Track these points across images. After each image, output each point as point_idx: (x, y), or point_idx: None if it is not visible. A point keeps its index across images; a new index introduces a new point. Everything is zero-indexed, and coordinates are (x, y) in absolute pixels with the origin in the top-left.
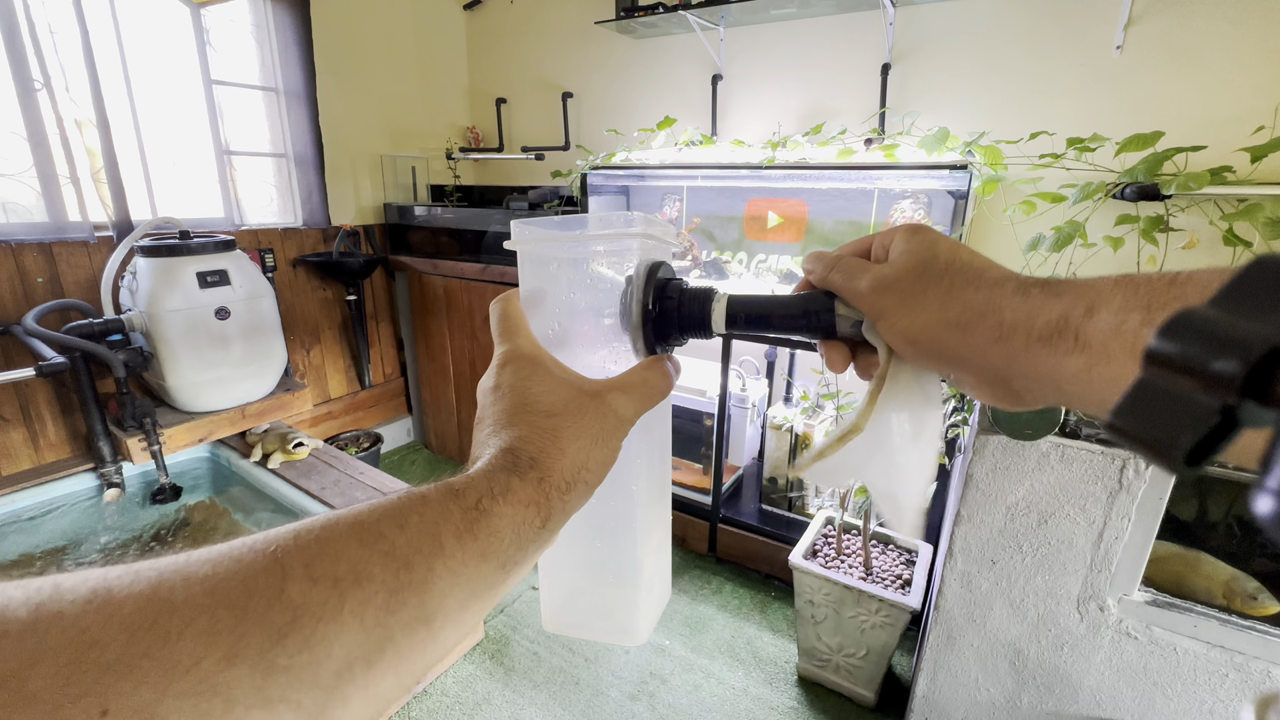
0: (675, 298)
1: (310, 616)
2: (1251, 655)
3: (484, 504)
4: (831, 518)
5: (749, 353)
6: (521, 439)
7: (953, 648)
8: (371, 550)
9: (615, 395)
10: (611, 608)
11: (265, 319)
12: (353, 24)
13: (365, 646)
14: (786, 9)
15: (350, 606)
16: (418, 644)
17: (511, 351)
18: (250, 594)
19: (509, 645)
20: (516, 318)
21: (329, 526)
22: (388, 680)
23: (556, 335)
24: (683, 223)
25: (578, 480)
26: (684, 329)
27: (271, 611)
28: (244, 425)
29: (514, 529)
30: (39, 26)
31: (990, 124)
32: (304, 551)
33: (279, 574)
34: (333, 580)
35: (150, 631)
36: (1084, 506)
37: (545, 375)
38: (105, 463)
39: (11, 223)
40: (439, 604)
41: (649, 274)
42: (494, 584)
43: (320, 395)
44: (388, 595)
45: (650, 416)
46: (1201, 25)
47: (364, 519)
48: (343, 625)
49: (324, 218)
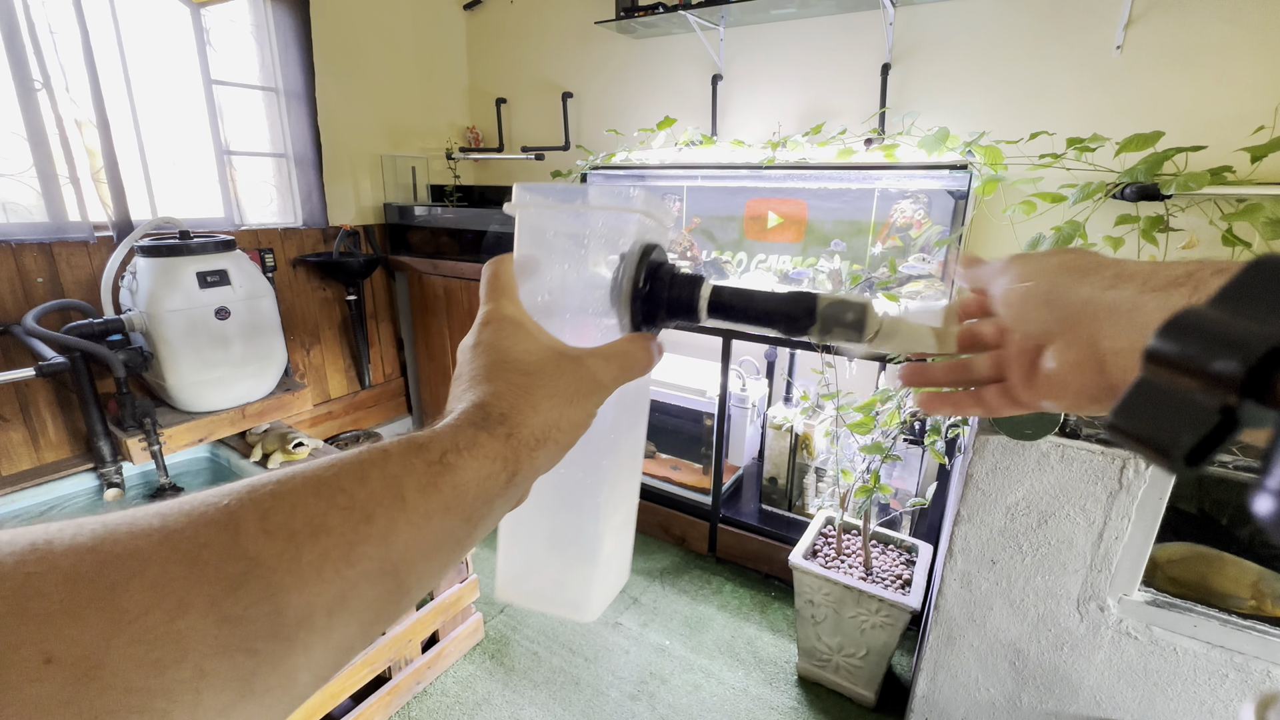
0: (666, 279)
1: (265, 568)
2: (1251, 655)
3: (448, 458)
4: (831, 518)
5: (749, 353)
6: (495, 394)
7: (953, 648)
8: (330, 503)
9: (595, 360)
10: (567, 581)
11: (265, 319)
12: (352, 24)
13: (325, 597)
14: (786, 9)
15: (308, 558)
16: (382, 594)
17: (494, 311)
18: (201, 546)
19: (509, 645)
20: (506, 280)
21: (285, 480)
22: (351, 629)
23: (545, 305)
24: (683, 223)
25: (548, 439)
26: (672, 311)
27: (225, 563)
28: (244, 425)
29: (479, 483)
30: (39, 26)
31: (990, 124)
32: (258, 505)
33: (232, 527)
34: (289, 533)
35: (94, 582)
36: (1084, 506)
37: (526, 336)
38: (105, 463)
39: (11, 223)
40: (402, 556)
41: (643, 253)
42: (459, 537)
43: (320, 395)
44: (347, 548)
45: (628, 394)
46: (1201, 25)
47: (322, 474)
48: (301, 576)
49: (324, 218)
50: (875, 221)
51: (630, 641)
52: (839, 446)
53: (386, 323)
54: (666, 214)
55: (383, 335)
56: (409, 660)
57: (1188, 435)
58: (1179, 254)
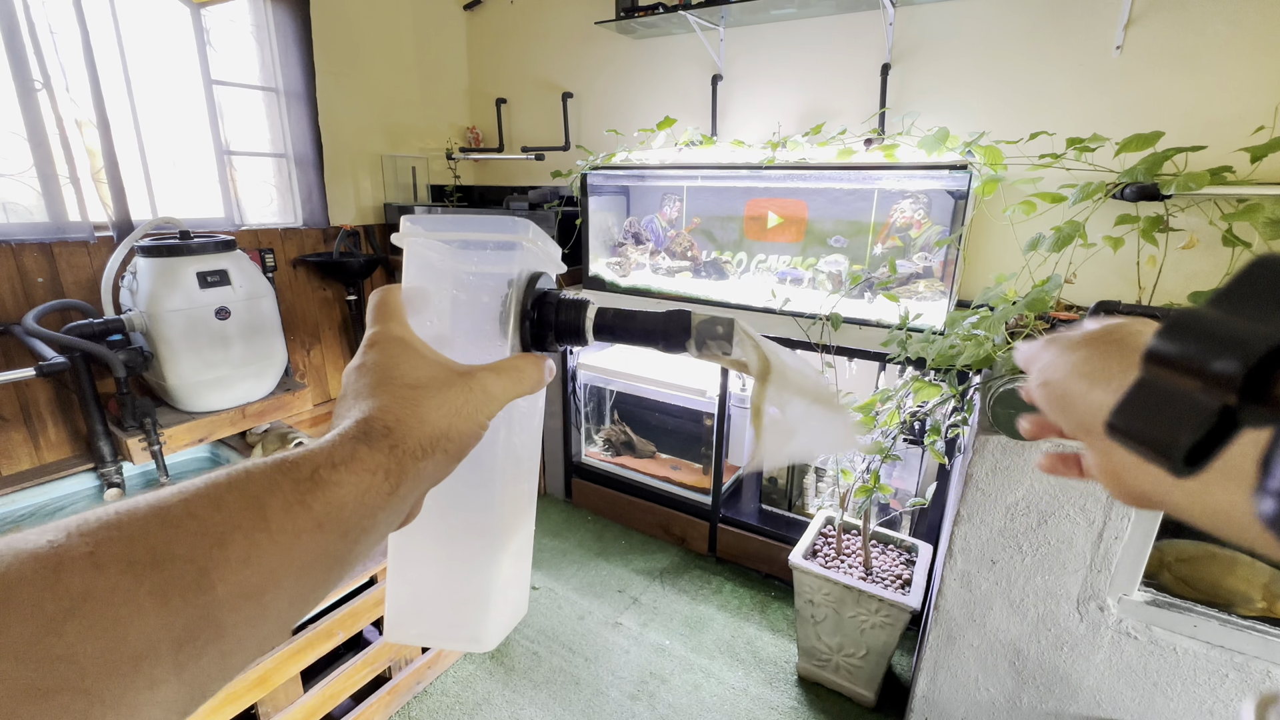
0: (554, 304)
1: (96, 602)
2: (1251, 655)
3: (321, 474)
4: (831, 518)
5: None
6: (380, 408)
7: (953, 647)
8: (177, 530)
9: (485, 374)
10: (463, 612)
11: (265, 319)
12: (353, 24)
13: (172, 629)
14: (786, 9)
15: (149, 588)
16: (244, 619)
17: (381, 332)
18: (11, 586)
19: (509, 645)
20: (394, 305)
21: (124, 512)
22: (206, 658)
23: (435, 332)
24: (683, 223)
25: (436, 449)
26: (560, 335)
27: (43, 601)
28: (244, 425)
29: (359, 498)
30: (39, 26)
31: (990, 124)
32: (88, 539)
33: (52, 564)
34: (125, 563)
35: None
36: (1084, 506)
37: (413, 354)
38: (105, 463)
39: (11, 223)
40: (266, 578)
41: (530, 280)
42: (336, 555)
43: (320, 395)
44: (198, 574)
45: (521, 415)
46: (1201, 25)
47: (169, 502)
48: (139, 608)
49: (324, 218)
50: (875, 222)
51: (630, 641)
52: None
53: None
54: (553, 248)
55: None
56: (409, 660)
57: (1187, 435)
58: (1179, 254)
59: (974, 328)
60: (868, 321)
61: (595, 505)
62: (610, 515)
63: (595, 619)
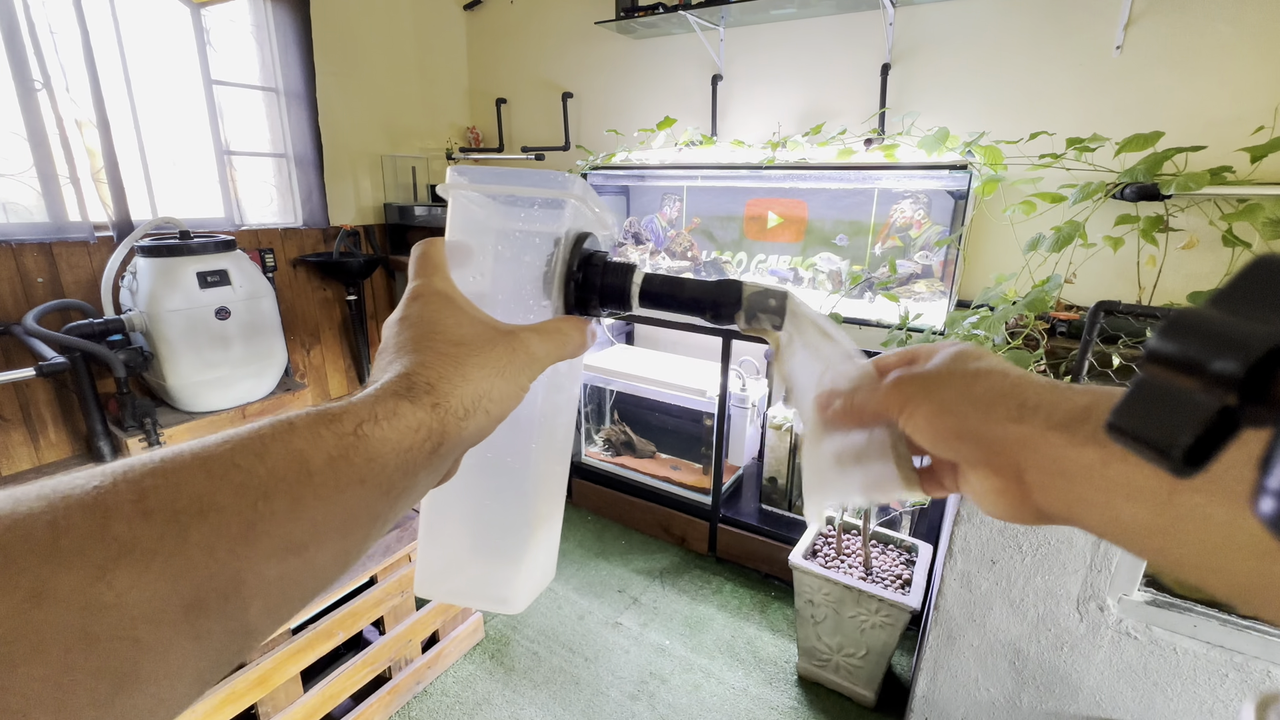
0: (600, 267)
1: (143, 551)
2: (1251, 655)
3: (364, 429)
4: (831, 517)
5: (749, 353)
6: (422, 364)
7: (953, 647)
8: (222, 481)
9: (529, 335)
10: (492, 574)
11: (265, 319)
12: (352, 24)
13: (219, 579)
14: (786, 9)
15: (196, 539)
16: (289, 573)
17: (424, 285)
18: (60, 532)
19: (509, 645)
20: (437, 259)
21: (169, 459)
22: (251, 611)
23: (478, 289)
24: (683, 223)
25: (477, 409)
26: (604, 299)
27: (89, 548)
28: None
29: (399, 455)
30: (39, 26)
31: (990, 124)
32: (134, 486)
33: (99, 511)
34: (171, 513)
35: None
36: None
37: (456, 310)
38: (105, 463)
39: (11, 223)
40: (310, 532)
41: (577, 240)
42: (378, 510)
43: (320, 395)
44: (244, 526)
45: (560, 377)
46: (1201, 25)
47: (213, 451)
48: (188, 559)
49: (324, 218)
50: (875, 222)
51: (630, 641)
52: None
53: None
54: (604, 208)
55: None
56: (409, 660)
57: (1186, 435)
58: (1179, 254)
59: (974, 328)
60: (868, 321)
61: (595, 505)
62: (610, 515)
63: (595, 619)
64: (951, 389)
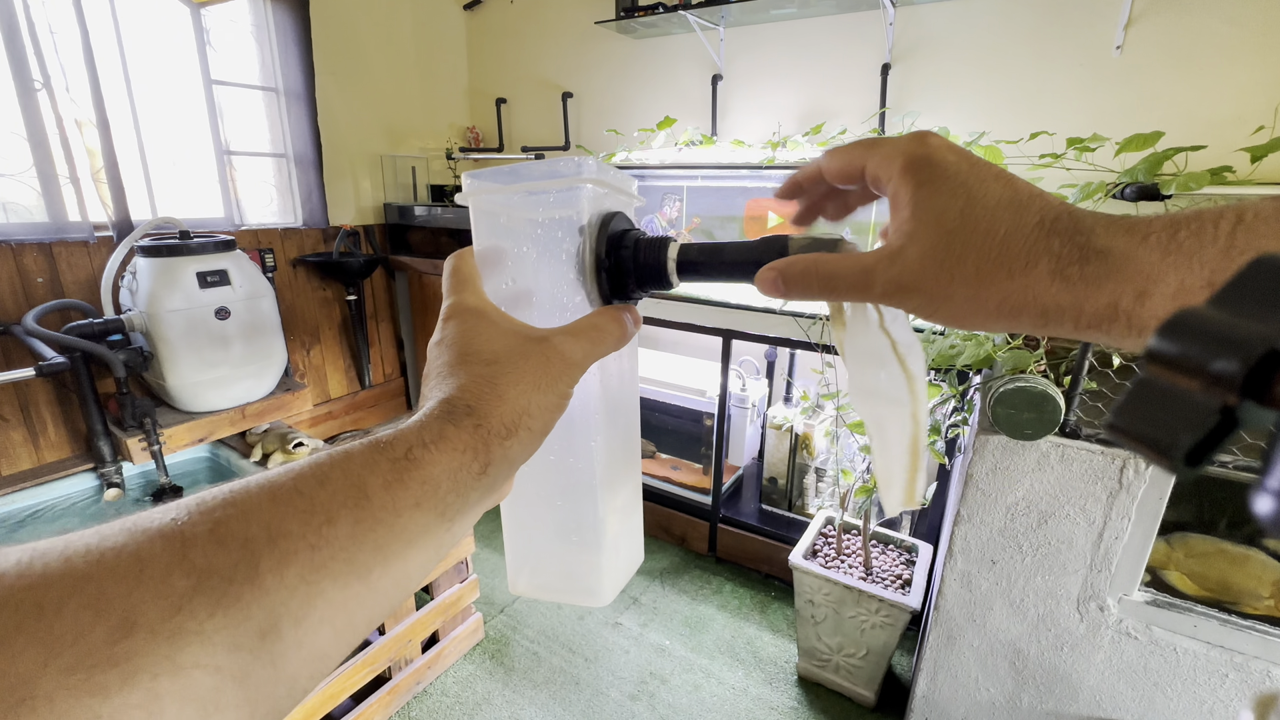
0: (631, 247)
1: (219, 579)
2: (1251, 655)
3: (414, 453)
4: (831, 518)
5: (749, 353)
6: (460, 388)
7: (953, 648)
8: (288, 508)
9: (562, 339)
10: (575, 569)
11: (265, 319)
12: (352, 24)
13: (290, 605)
14: (786, 9)
15: (267, 566)
16: (353, 597)
17: (456, 305)
18: (144, 563)
19: (509, 645)
20: (467, 272)
21: (237, 490)
22: (323, 636)
23: (511, 292)
24: (682, 222)
25: (519, 426)
26: (641, 280)
27: (171, 577)
28: (244, 425)
29: (451, 476)
30: (39, 26)
31: (990, 124)
32: (208, 516)
33: (178, 540)
34: (243, 540)
35: (19, 608)
36: (1084, 506)
37: (488, 325)
38: (105, 463)
39: (11, 223)
40: (372, 557)
41: (602, 224)
42: (435, 533)
43: (320, 395)
44: (310, 551)
45: (611, 370)
46: (1201, 25)
47: (277, 480)
48: (260, 586)
49: (324, 218)
50: (875, 221)
51: (630, 641)
52: (839, 446)
53: (386, 323)
54: (623, 180)
55: (383, 335)
56: (409, 660)
57: (1187, 435)
58: None
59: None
60: None
61: None
62: None
63: (595, 619)
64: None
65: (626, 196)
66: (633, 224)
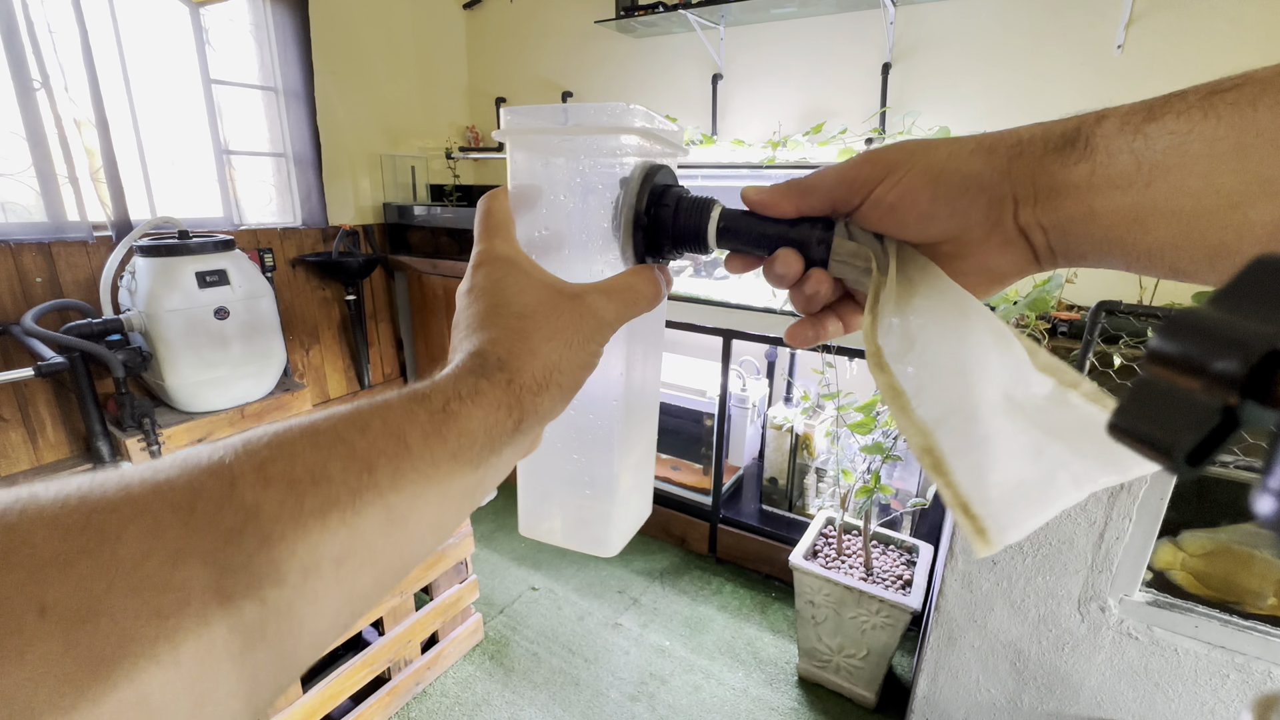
0: (672, 205)
1: (266, 517)
2: (1253, 655)
3: (452, 406)
4: (832, 518)
5: (749, 353)
6: (491, 341)
7: (953, 648)
8: (330, 453)
9: (595, 297)
10: (586, 519)
11: (264, 319)
12: (352, 24)
13: (332, 546)
14: (786, 8)
15: (310, 507)
16: (393, 544)
17: (487, 252)
18: (197, 494)
19: (509, 645)
20: (500, 216)
21: (281, 433)
22: (363, 579)
23: (543, 240)
24: None
25: (550, 382)
26: (679, 241)
27: (222, 512)
28: (243, 425)
29: (486, 431)
30: (38, 26)
31: (991, 123)
32: (254, 456)
33: (227, 477)
34: (288, 482)
35: (84, 531)
36: (1084, 506)
37: (520, 276)
38: (104, 463)
39: (11, 223)
40: (410, 505)
41: (645, 177)
42: (468, 486)
43: (319, 395)
44: (351, 496)
45: (638, 330)
46: (1201, 25)
47: (320, 425)
48: (303, 525)
49: (323, 217)
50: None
51: (630, 642)
52: (839, 446)
53: (386, 323)
54: (672, 133)
55: (382, 335)
56: (408, 661)
57: (1188, 435)
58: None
59: None
60: None
61: None
62: None
63: (595, 620)
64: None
65: (673, 149)
66: (675, 180)
